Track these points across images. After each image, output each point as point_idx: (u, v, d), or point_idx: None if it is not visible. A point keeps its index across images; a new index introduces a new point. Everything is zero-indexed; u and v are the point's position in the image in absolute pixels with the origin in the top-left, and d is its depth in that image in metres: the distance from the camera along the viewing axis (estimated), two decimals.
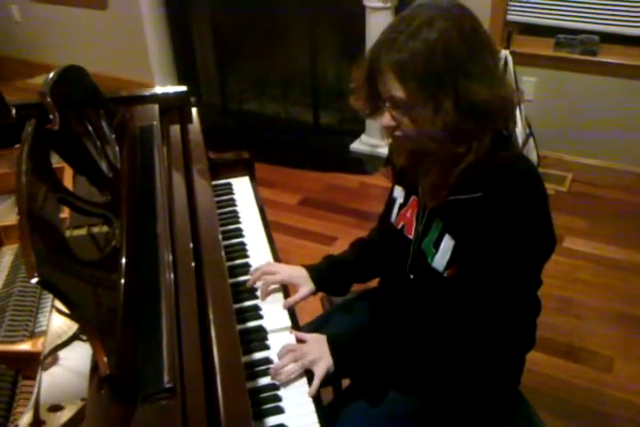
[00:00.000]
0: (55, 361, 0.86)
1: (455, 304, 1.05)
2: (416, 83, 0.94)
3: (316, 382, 1.03)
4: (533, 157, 2.81)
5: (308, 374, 1.04)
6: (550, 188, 2.80)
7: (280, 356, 1.06)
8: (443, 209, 1.07)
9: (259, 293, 1.23)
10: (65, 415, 0.78)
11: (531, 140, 2.77)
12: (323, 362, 1.05)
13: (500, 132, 1.02)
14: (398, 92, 0.96)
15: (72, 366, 0.85)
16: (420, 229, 1.14)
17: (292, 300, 1.22)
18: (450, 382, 1.12)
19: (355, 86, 1.06)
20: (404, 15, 0.98)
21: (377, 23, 2.81)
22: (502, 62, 2.54)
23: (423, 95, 0.94)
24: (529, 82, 2.84)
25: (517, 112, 2.53)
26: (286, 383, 1.01)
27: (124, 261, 0.94)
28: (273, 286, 1.23)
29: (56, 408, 0.79)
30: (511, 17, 2.79)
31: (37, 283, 0.69)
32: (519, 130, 2.57)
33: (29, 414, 0.78)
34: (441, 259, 1.08)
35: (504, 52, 2.58)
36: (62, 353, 0.87)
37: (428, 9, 0.97)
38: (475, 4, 2.40)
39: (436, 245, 1.09)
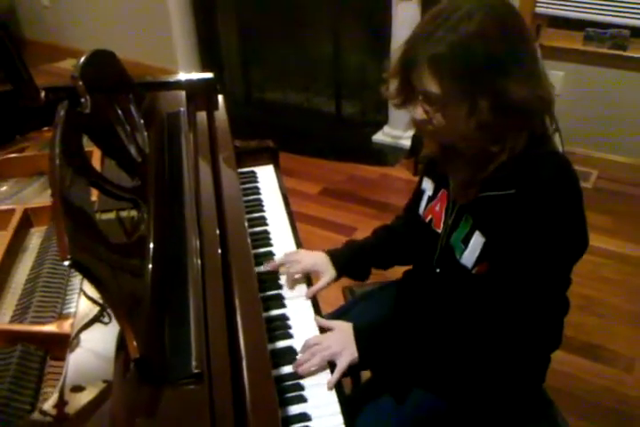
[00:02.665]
0: (77, 343, 0.87)
1: (483, 300, 1.04)
2: (452, 79, 0.91)
3: (337, 374, 1.01)
4: None
5: (332, 365, 1.03)
6: None
7: (303, 350, 1.05)
8: (473, 205, 1.06)
9: (283, 282, 1.22)
10: (86, 396, 0.79)
11: (556, 136, 2.72)
12: (346, 354, 1.03)
13: (540, 130, 1.00)
14: (433, 87, 0.93)
15: (93, 348, 0.86)
16: (448, 223, 1.12)
17: (314, 288, 1.22)
18: (474, 377, 1.11)
19: (388, 76, 1.04)
20: (444, 7, 0.95)
21: (403, 14, 2.78)
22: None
23: (459, 93, 0.91)
24: (557, 76, 2.79)
25: None
26: (310, 374, 1.01)
27: (151, 246, 0.94)
28: (297, 276, 1.23)
29: (78, 389, 0.80)
30: (540, 9, 2.74)
31: (69, 265, 0.69)
32: None
33: (56, 395, 0.79)
34: (470, 255, 1.07)
35: None
36: (84, 335, 0.88)
37: (468, 1, 0.94)
38: None
39: (466, 242, 1.07)
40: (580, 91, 2.80)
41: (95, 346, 0.86)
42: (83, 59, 1.15)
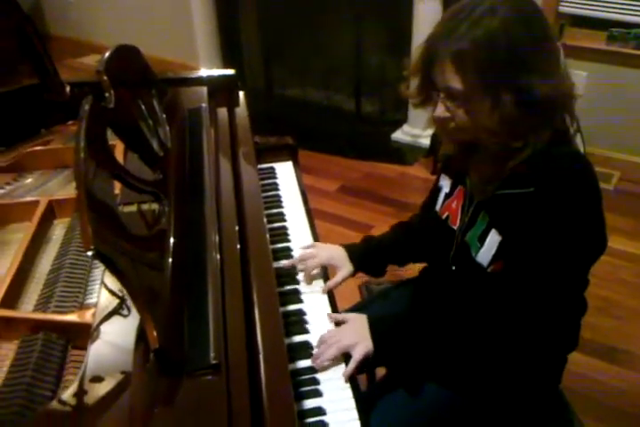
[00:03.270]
0: (97, 335, 0.89)
1: (498, 298, 1.04)
2: (475, 74, 0.91)
3: (352, 365, 1.02)
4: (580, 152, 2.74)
5: (348, 358, 1.03)
6: None
7: (318, 345, 1.05)
8: (490, 203, 1.06)
9: (300, 277, 1.23)
10: (104, 387, 0.80)
11: (578, 136, 2.69)
12: (361, 346, 1.04)
13: (562, 127, 0.99)
14: (456, 83, 0.93)
15: (112, 340, 0.87)
16: (465, 220, 1.12)
17: (331, 283, 1.22)
18: (489, 374, 1.11)
19: (408, 75, 1.04)
20: (465, 3, 0.95)
21: (424, 13, 2.78)
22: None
23: (482, 88, 0.92)
24: (579, 76, 2.76)
25: None
26: (325, 368, 1.02)
27: (171, 239, 0.96)
28: (315, 271, 1.24)
29: (96, 379, 0.81)
30: (563, 8, 2.71)
31: (93, 256, 0.71)
32: None
33: (75, 384, 0.81)
34: (486, 253, 1.07)
35: None
36: (103, 327, 0.89)
37: None
38: None
39: (482, 240, 1.07)
40: (603, 91, 2.77)
41: (114, 338, 0.87)
42: (107, 54, 1.17)
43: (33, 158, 1.40)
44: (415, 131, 3.17)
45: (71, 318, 0.94)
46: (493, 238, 1.05)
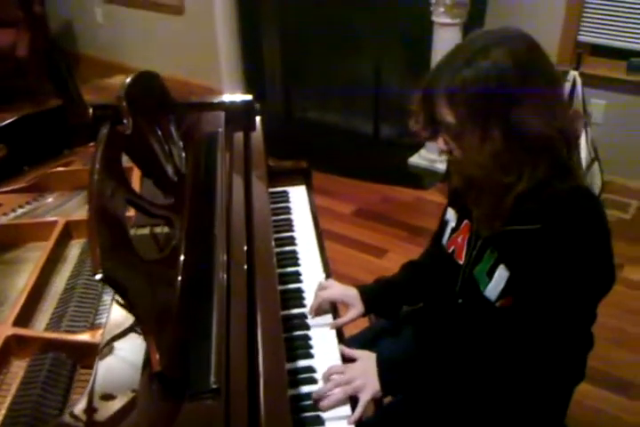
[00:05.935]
0: (111, 351, 0.90)
1: (506, 333, 1.04)
2: (465, 110, 0.94)
3: (360, 409, 1.00)
4: (597, 181, 2.73)
5: (353, 398, 1.02)
6: (612, 214, 2.71)
7: (325, 378, 1.04)
8: (498, 239, 1.06)
9: (309, 309, 1.22)
10: (116, 405, 0.82)
11: (595, 165, 2.70)
12: (369, 388, 1.02)
13: (561, 161, 1.00)
14: (449, 117, 0.97)
15: (126, 357, 0.89)
16: (472, 255, 1.13)
17: (340, 321, 1.21)
18: (494, 408, 1.10)
19: (413, 109, 1.07)
20: (463, 42, 1.00)
21: (444, 39, 2.81)
22: (570, 84, 2.49)
23: (472, 122, 0.95)
24: (598, 104, 2.77)
25: (583, 136, 2.48)
26: (329, 408, 1.00)
27: (181, 264, 0.98)
28: (325, 306, 1.22)
29: (108, 397, 0.83)
30: (582, 37, 2.73)
31: (101, 279, 0.73)
32: (583, 154, 2.51)
33: (84, 401, 0.82)
34: (494, 288, 1.07)
35: (573, 74, 2.53)
36: (118, 344, 0.91)
37: (486, 37, 0.98)
38: (545, 24, 2.39)
39: (490, 274, 1.08)
40: (621, 120, 2.77)
41: (128, 355, 0.88)
42: (128, 80, 1.21)
43: (53, 179, 1.45)
44: (432, 155, 3.19)
45: (83, 337, 0.96)
46: (502, 274, 1.06)
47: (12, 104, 3.82)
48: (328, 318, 1.22)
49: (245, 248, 1.12)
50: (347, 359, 1.10)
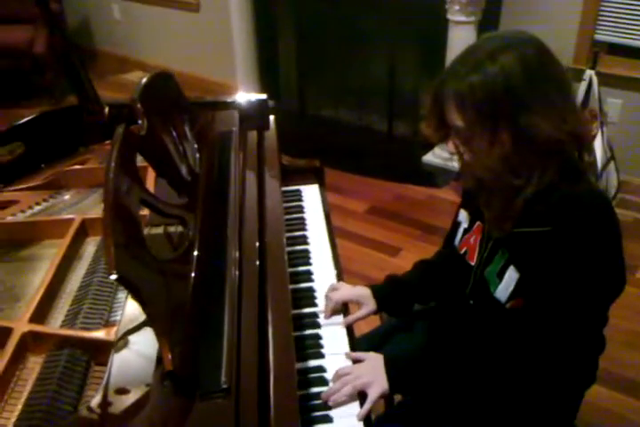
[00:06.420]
0: (126, 345, 0.92)
1: (516, 335, 1.04)
2: (474, 113, 0.95)
3: (367, 405, 1.01)
4: (613, 181, 2.71)
5: (361, 394, 1.03)
6: (629, 215, 2.69)
7: (334, 379, 1.05)
8: (509, 240, 1.07)
9: (322, 309, 1.23)
10: (130, 399, 0.83)
11: (611, 164, 2.68)
12: (377, 385, 1.03)
13: (572, 164, 1.01)
14: (458, 121, 0.98)
15: (141, 351, 0.90)
16: (483, 256, 1.13)
17: (351, 318, 1.22)
18: (504, 410, 1.11)
19: (425, 113, 1.08)
20: (473, 45, 1.00)
21: (459, 37, 2.80)
22: (586, 83, 2.47)
23: (480, 126, 0.95)
24: (614, 104, 2.74)
25: (599, 136, 2.46)
26: (338, 405, 1.01)
27: (195, 257, 0.99)
28: (337, 306, 1.23)
29: (122, 391, 0.84)
30: (599, 36, 2.71)
31: (115, 280, 0.75)
32: (599, 154, 2.49)
33: (99, 396, 0.84)
34: (504, 290, 1.07)
35: (589, 73, 2.51)
36: (133, 338, 0.92)
37: (495, 41, 0.98)
38: (562, 22, 2.37)
39: (500, 276, 1.08)
40: (638, 119, 2.74)
41: (144, 349, 0.89)
42: (143, 81, 1.22)
43: (70, 177, 1.47)
44: (446, 154, 3.15)
45: (99, 334, 0.98)
46: (512, 275, 1.06)
47: (31, 100, 3.88)
48: (339, 317, 1.23)
49: (257, 244, 1.14)
50: (355, 362, 1.11)
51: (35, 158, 1.52)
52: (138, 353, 0.90)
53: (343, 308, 1.24)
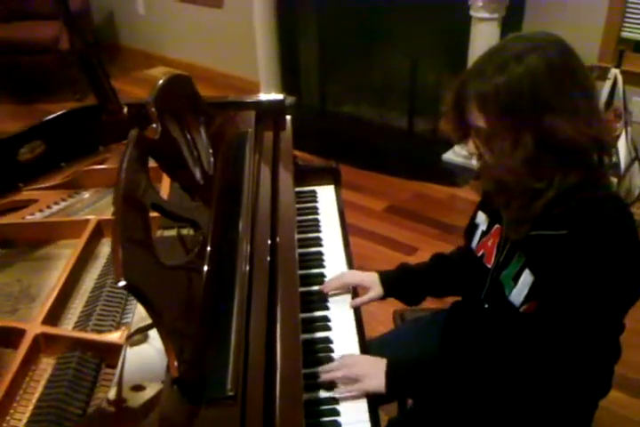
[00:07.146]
0: (144, 340, 0.93)
1: (529, 340, 1.03)
2: (497, 115, 0.94)
3: (353, 388, 1.03)
4: (637, 181, 2.66)
5: (369, 396, 1.05)
6: None
7: (337, 361, 1.08)
8: (526, 243, 1.06)
9: (325, 285, 1.27)
10: (145, 395, 0.84)
11: (636, 165, 2.62)
12: (372, 380, 1.04)
13: (593, 168, 0.99)
14: (480, 121, 0.97)
15: (158, 346, 0.89)
16: (500, 259, 1.12)
17: (359, 300, 1.26)
18: (516, 419, 1.09)
19: (445, 111, 1.07)
20: (497, 46, 0.99)
21: (482, 34, 2.77)
22: (611, 82, 2.42)
23: (503, 128, 0.94)
24: (639, 103, 2.69)
25: (623, 135, 2.41)
26: (345, 400, 1.03)
27: (205, 268, 1.00)
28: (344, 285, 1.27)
29: (138, 388, 0.85)
30: (626, 34, 2.65)
31: (123, 287, 0.75)
32: (623, 153, 2.45)
33: (114, 391, 0.85)
34: (518, 293, 1.06)
35: (614, 71, 2.46)
36: (151, 332, 0.92)
37: (520, 42, 0.96)
38: (587, 20, 2.33)
39: (516, 279, 1.07)
40: None
41: (160, 345, 0.89)
42: (159, 84, 1.23)
43: (89, 176, 1.49)
44: (466, 152, 3.15)
45: (109, 337, 0.99)
46: (526, 279, 1.05)
47: (56, 95, 3.94)
48: (347, 299, 1.26)
49: (269, 245, 1.15)
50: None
51: (55, 157, 1.54)
52: (155, 348, 0.90)
53: (351, 291, 1.28)
